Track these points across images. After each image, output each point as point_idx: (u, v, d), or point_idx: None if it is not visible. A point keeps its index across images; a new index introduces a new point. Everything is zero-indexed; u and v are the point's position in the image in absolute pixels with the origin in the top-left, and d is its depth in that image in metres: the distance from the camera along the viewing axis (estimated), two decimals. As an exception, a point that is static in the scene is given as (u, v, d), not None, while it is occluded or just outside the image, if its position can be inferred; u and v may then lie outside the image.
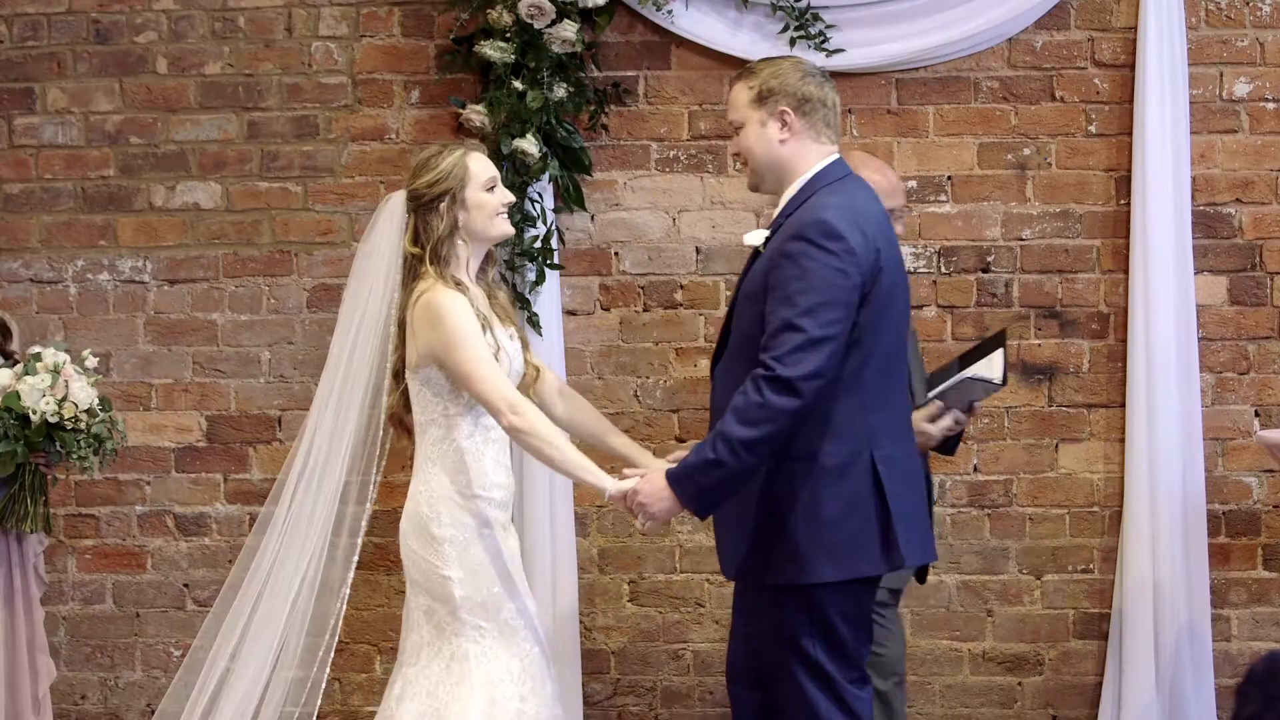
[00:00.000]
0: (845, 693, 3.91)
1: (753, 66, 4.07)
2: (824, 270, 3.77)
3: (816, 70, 4.05)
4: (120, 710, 5.77)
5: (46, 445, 4.76)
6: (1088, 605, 5.52)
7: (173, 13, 5.72)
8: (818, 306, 3.75)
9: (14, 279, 5.78)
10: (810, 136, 3.98)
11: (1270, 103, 5.46)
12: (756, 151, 4.00)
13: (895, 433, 3.93)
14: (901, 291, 3.98)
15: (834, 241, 3.79)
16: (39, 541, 4.92)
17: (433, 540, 4.05)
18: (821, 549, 3.83)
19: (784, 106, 3.96)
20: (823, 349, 3.74)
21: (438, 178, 4.11)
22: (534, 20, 5.35)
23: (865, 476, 3.84)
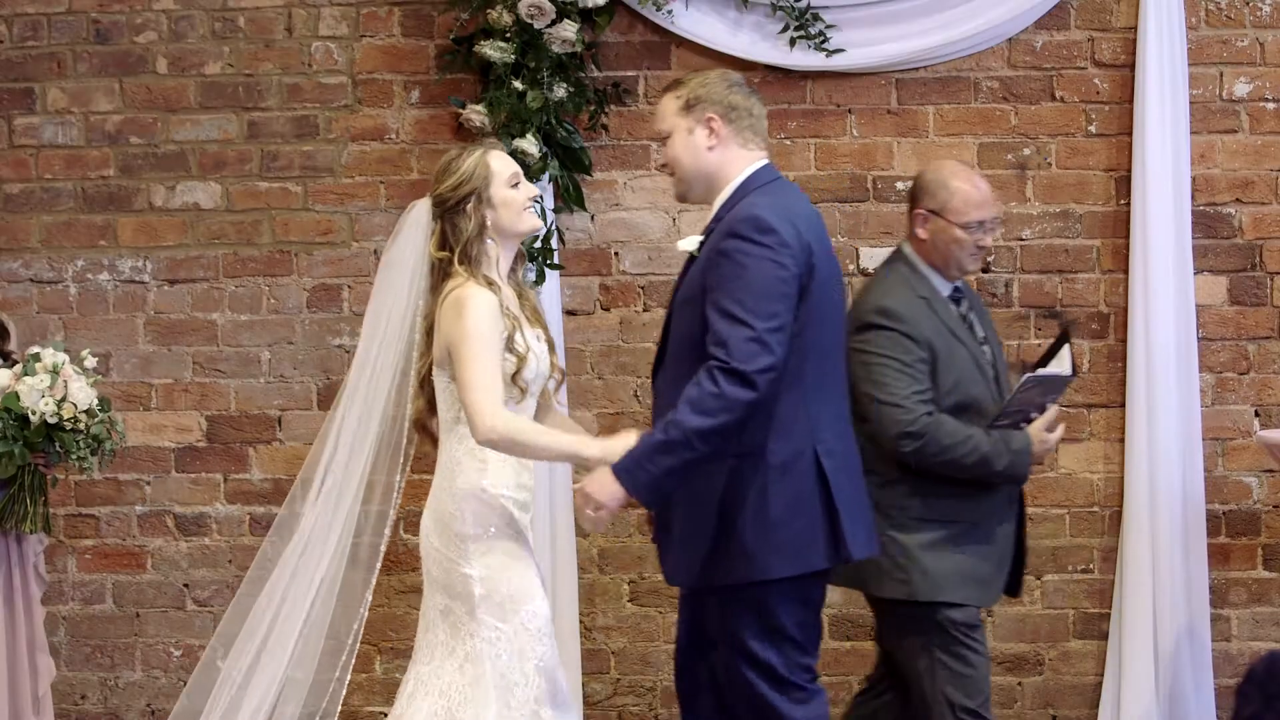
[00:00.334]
0: (795, 692, 3.93)
1: (680, 79, 4.14)
2: (761, 264, 3.82)
3: (743, 81, 4.12)
4: (120, 710, 5.78)
5: (46, 446, 4.76)
6: (1088, 605, 5.52)
7: (173, 13, 5.72)
8: (761, 300, 3.79)
9: (14, 279, 5.78)
10: (738, 143, 4.04)
11: (1270, 103, 5.46)
12: (684, 159, 4.05)
13: (836, 426, 3.97)
14: (836, 287, 4.03)
15: (767, 235, 3.84)
16: (39, 541, 4.92)
17: (456, 538, 4.04)
18: (771, 546, 3.86)
19: (711, 114, 4.02)
20: (771, 341, 3.78)
21: (461, 179, 4.10)
22: (534, 20, 5.35)
23: (810, 471, 3.89)
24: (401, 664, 5.67)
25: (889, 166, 5.55)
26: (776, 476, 3.87)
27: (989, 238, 4.55)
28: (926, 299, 4.51)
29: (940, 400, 4.42)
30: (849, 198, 5.56)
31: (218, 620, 5.71)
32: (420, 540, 4.14)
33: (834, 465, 3.91)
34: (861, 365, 4.41)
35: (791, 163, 5.55)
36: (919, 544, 4.42)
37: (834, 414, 3.98)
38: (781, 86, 5.55)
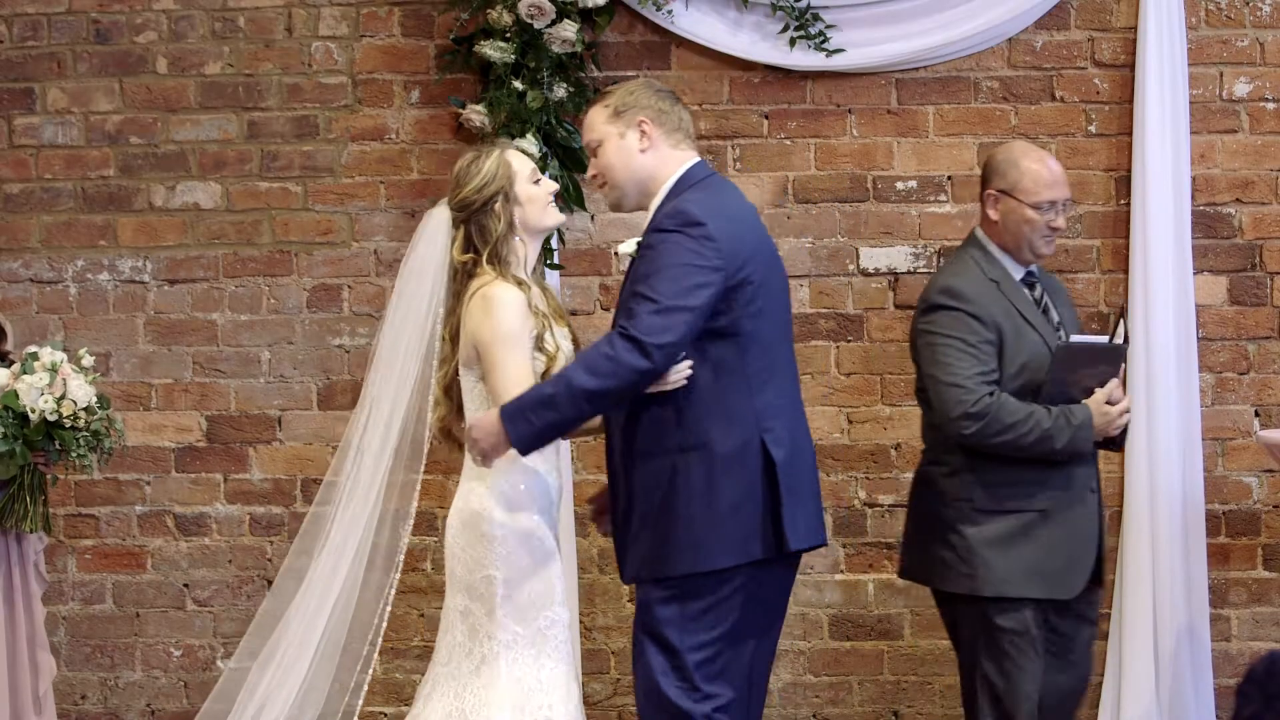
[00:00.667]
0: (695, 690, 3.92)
1: (605, 90, 4.20)
2: (677, 250, 3.87)
3: (668, 90, 4.18)
4: (120, 710, 5.78)
5: (45, 444, 4.75)
6: (1088, 605, 5.52)
7: (173, 13, 5.72)
8: (671, 283, 3.84)
9: (14, 279, 5.78)
10: (669, 144, 4.09)
11: (1270, 103, 5.46)
12: (617, 165, 4.09)
13: (784, 416, 3.99)
14: (778, 282, 4.05)
15: (691, 227, 3.89)
16: (39, 540, 4.92)
17: (483, 538, 4.03)
18: (718, 535, 3.88)
19: (641, 117, 4.07)
20: (674, 317, 3.81)
21: (485, 181, 4.10)
22: (534, 20, 5.35)
23: (757, 460, 3.91)
24: (401, 664, 5.67)
25: (889, 166, 5.55)
26: (724, 467, 3.89)
27: (1061, 219, 4.49)
28: (997, 281, 4.48)
29: (1006, 383, 4.38)
30: (849, 198, 5.56)
31: (218, 620, 5.73)
32: (445, 540, 4.14)
33: (782, 454, 3.93)
34: (926, 347, 4.40)
35: (791, 163, 5.55)
36: (982, 537, 4.36)
37: (782, 404, 4.00)
38: (781, 86, 5.56)
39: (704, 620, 3.92)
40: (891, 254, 5.55)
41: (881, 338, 5.55)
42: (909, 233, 5.53)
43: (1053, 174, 4.50)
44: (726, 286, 3.89)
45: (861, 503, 5.56)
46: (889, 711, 5.57)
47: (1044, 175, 4.45)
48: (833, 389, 5.56)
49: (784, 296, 4.11)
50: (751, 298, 3.93)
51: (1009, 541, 4.38)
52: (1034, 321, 4.47)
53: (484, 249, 4.08)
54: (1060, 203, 4.49)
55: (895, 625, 5.56)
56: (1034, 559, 4.38)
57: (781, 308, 4.08)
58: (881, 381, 5.56)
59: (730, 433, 3.90)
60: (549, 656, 4.04)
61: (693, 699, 3.91)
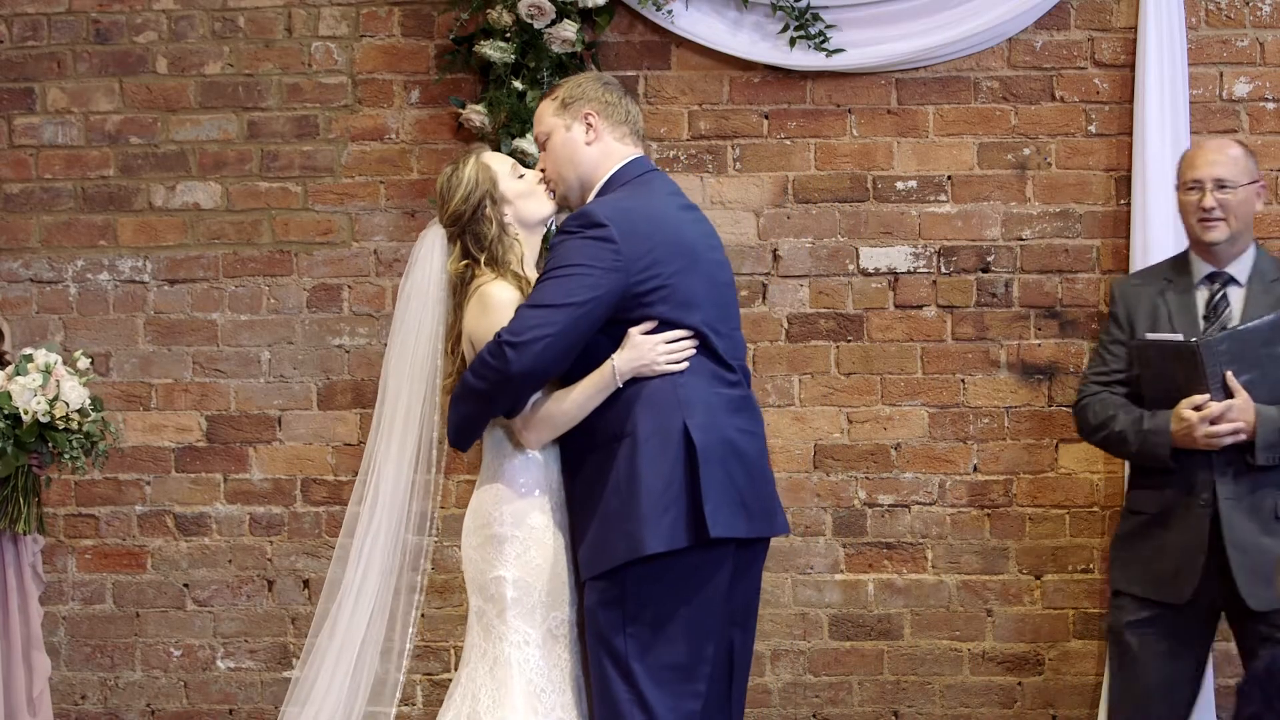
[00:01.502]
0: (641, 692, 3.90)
1: (556, 84, 4.24)
2: (573, 252, 3.90)
3: (618, 83, 4.21)
4: (120, 710, 5.78)
5: (38, 445, 4.75)
6: (1088, 605, 5.52)
7: (173, 13, 5.72)
8: (557, 280, 3.88)
9: (14, 279, 5.78)
10: (614, 137, 4.11)
11: (1270, 103, 5.46)
12: (562, 157, 4.11)
13: (710, 405, 3.95)
14: (706, 275, 4.03)
15: (591, 229, 3.91)
16: (34, 541, 4.91)
17: (493, 539, 4.03)
18: (646, 523, 3.85)
19: (588, 110, 4.09)
20: (548, 314, 3.86)
21: (469, 189, 4.10)
22: (534, 20, 5.35)
23: (679, 448, 3.88)
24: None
25: (889, 166, 5.55)
26: (647, 454, 3.88)
27: (1209, 198, 4.49)
28: (1170, 280, 4.56)
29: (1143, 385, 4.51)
30: (849, 198, 5.56)
31: (218, 620, 5.73)
32: (461, 542, 4.15)
33: (705, 440, 3.90)
34: None
35: (791, 163, 5.56)
36: (1118, 534, 4.61)
37: (709, 392, 3.97)
38: (781, 86, 5.56)
39: (644, 617, 3.89)
40: (891, 254, 5.55)
41: (881, 338, 5.55)
42: (909, 233, 5.53)
43: (1200, 153, 4.53)
44: (629, 285, 3.90)
45: (861, 503, 5.56)
46: (889, 711, 5.58)
47: (1187, 155, 4.52)
48: (833, 389, 5.57)
49: (719, 290, 4.08)
50: (665, 295, 3.94)
51: (1130, 538, 4.57)
52: (1178, 324, 4.48)
53: (481, 255, 4.09)
54: (1206, 181, 4.46)
55: (895, 625, 5.56)
56: (1145, 558, 4.49)
57: (714, 301, 4.04)
58: (881, 381, 5.56)
59: (654, 420, 3.90)
60: (560, 657, 4.04)
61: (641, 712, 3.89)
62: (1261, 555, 4.36)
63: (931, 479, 5.54)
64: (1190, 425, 4.39)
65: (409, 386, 4.17)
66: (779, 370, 5.57)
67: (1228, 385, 4.38)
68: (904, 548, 5.56)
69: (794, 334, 5.57)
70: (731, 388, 4.03)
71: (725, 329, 4.06)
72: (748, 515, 3.97)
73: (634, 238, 3.92)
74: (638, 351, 3.92)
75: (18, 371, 4.75)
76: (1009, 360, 5.53)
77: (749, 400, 4.09)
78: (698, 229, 4.11)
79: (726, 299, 4.11)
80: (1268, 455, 4.38)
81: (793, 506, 5.55)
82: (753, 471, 4.01)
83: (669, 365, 3.93)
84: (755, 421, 4.08)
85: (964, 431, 5.53)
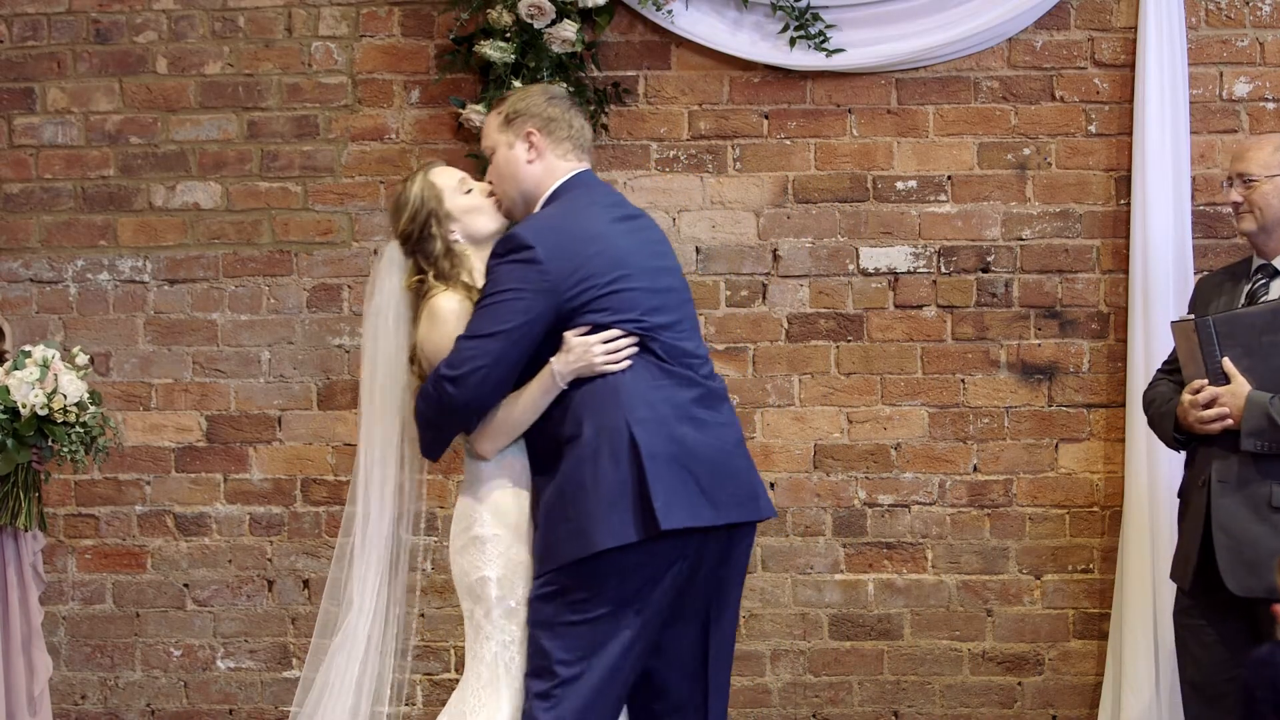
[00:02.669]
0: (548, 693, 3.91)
1: (503, 95, 4.25)
2: (502, 278, 3.95)
3: (564, 95, 4.20)
4: (120, 710, 5.78)
5: (37, 440, 4.75)
6: (1088, 605, 5.53)
7: (173, 13, 5.72)
8: (487, 309, 3.95)
9: (14, 279, 5.78)
10: (556, 154, 4.11)
11: (1270, 103, 5.46)
12: (506, 174, 4.13)
13: (655, 403, 3.95)
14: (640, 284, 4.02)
15: (516, 252, 3.95)
16: (34, 539, 4.91)
17: (475, 540, 4.05)
18: (594, 521, 3.86)
19: (529, 127, 4.10)
20: (480, 345, 3.92)
21: (414, 208, 4.13)
22: (534, 20, 5.35)
23: (624, 445, 3.88)
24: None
25: (889, 166, 5.55)
26: (594, 455, 3.89)
27: (1234, 193, 4.58)
28: (1233, 275, 4.65)
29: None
30: (849, 198, 5.56)
31: (218, 620, 5.73)
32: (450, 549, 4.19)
33: (649, 437, 3.90)
34: None
35: (791, 163, 5.56)
36: None
37: (652, 390, 3.96)
38: (781, 86, 5.56)
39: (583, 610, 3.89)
40: (891, 254, 5.55)
41: (881, 338, 5.55)
42: (909, 233, 5.53)
43: (1235, 149, 4.68)
44: (561, 303, 3.93)
45: (861, 503, 5.56)
46: (889, 711, 5.58)
47: (1233, 150, 4.54)
48: (833, 389, 5.57)
49: (660, 295, 4.06)
50: (600, 306, 3.96)
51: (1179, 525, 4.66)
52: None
53: (429, 270, 4.12)
54: (1233, 176, 4.59)
55: (895, 625, 5.56)
56: (1177, 546, 4.61)
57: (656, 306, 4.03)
58: (881, 381, 5.56)
59: (598, 421, 3.91)
60: None
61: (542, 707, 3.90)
62: (1247, 541, 4.37)
63: (931, 479, 5.54)
64: (1185, 410, 4.48)
65: (380, 399, 4.21)
66: (779, 370, 5.57)
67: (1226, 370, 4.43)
68: (904, 548, 5.56)
69: (794, 334, 5.57)
70: (683, 384, 4.02)
71: (671, 329, 4.05)
72: (711, 503, 3.96)
73: (561, 255, 3.94)
74: (574, 354, 3.95)
75: (15, 366, 4.75)
76: (1009, 360, 5.53)
77: (709, 393, 4.06)
78: (637, 238, 4.11)
79: (671, 302, 4.10)
80: (1252, 442, 4.39)
81: (793, 506, 5.56)
82: (713, 461, 3.99)
83: (608, 365, 3.95)
84: (717, 412, 4.06)
85: (964, 431, 5.53)
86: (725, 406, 4.10)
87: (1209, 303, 4.64)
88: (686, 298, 4.18)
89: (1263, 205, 4.56)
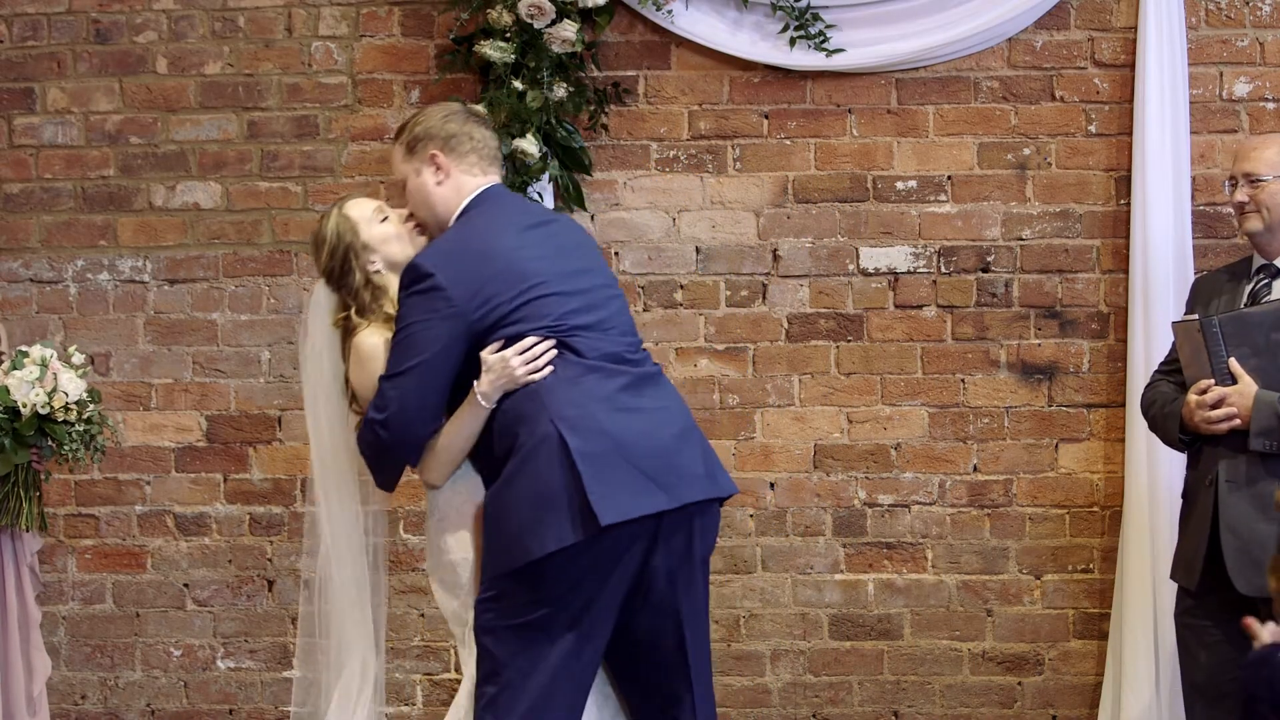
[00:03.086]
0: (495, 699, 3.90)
1: (401, 125, 4.21)
2: (409, 311, 3.95)
3: (461, 109, 4.19)
4: (120, 710, 5.78)
5: (38, 439, 4.75)
6: (1088, 605, 5.52)
7: (173, 13, 5.72)
8: (400, 345, 3.95)
9: (14, 279, 5.78)
10: (464, 172, 4.10)
11: (1270, 103, 5.46)
12: (419, 200, 4.13)
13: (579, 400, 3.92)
14: (552, 289, 4.00)
15: (419, 283, 3.94)
16: (33, 540, 4.91)
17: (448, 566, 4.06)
18: (529, 529, 3.84)
19: (432, 149, 4.09)
20: (398, 384, 3.94)
21: (331, 244, 4.13)
22: (534, 20, 5.35)
23: (555, 449, 3.86)
24: (401, 664, 5.68)
25: (889, 166, 5.55)
26: (526, 464, 3.87)
27: (1239, 194, 4.58)
28: (1233, 274, 4.63)
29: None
30: (849, 198, 5.56)
31: (218, 620, 5.73)
32: None
33: (579, 436, 3.86)
34: None
35: (791, 163, 5.56)
36: None
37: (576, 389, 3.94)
38: (781, 86, 5.56)
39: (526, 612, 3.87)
40: (891, 254, 5.55)
41: (881, 338, 5.55)
42: (909, 233, 5.53)
43: (1238, 149, 4.67)
44: (470, 325, 3.93)
45: (861, 502, 5.56)
46: (889, 711, 5.58)
47: (1234, 151, 4.55)
48: (833, 389, 5.57)
49: (579, 296, 4.05)
50: (513, 319, 3.95)
51: (1180, 528, 4.64)
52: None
53: (352, 304, 4.13)
54: (1238, 177, 4.58)
55: (895, 625, 5.56)
56: (1179, 546, 4.59)
57: (574, 307, 4.02)
58: (881, 381, 5.56)
59: (529, 432, 3.89)
60: None
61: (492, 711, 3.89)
62: (1256, 541, 4.37)
63: (931, 479, 5.54)
64: (1192, 409, 4.47)
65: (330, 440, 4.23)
66: (779, 370, 5.57)
67: (1232, 370, 4.43)
68: (904, 548, 5.56)
69: (794, 334, 5.57)
70: (607, 376, 3.99)
71: (593, 328, 4.03)
72: (661, 487, 3.91)
73: (462, 279, 3.93)
74: (495, 371, 3.93)
75: (14, 366, 4.75)
76: (1009, 360, 5.53)
77: (638, 379, 4.03)
78: (550, 244, 4.08)
79: (594, 300, 4.07)
80: (1261, 441, 4.39)
81: (793, 506, 5.56)
82: (653, 445, 3.94)
83: (529, 374, 3.93)
84: (650, 396, 4.03)
85: (964, 431, 5.53)
86: (660, 390, 4.07)
87: (1208, 303, 4.63)
88: (613, 293, 4.15)
89: (1270, 205, 4.55)
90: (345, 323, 4.15)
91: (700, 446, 4.06)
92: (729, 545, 5.55)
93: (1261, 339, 4.41)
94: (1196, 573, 4.49)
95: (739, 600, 5.58)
